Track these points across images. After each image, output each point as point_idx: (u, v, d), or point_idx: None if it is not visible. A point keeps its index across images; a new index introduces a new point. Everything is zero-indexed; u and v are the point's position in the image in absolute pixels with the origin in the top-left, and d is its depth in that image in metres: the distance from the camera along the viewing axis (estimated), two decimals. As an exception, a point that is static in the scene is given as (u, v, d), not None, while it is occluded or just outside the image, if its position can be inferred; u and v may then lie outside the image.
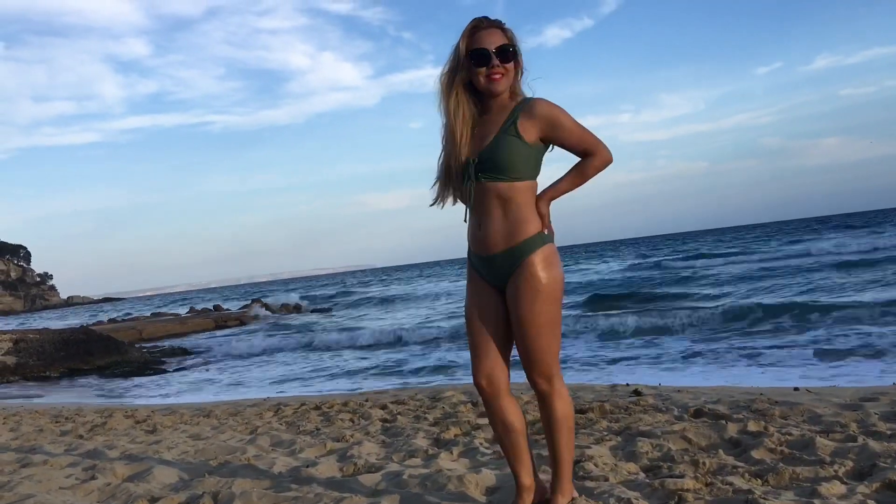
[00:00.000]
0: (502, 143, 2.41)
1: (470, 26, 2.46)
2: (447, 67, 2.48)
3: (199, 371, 14.31)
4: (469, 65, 2.43)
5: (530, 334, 2.44)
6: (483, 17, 2.48)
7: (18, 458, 4.64)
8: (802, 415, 4.21)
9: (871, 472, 2.96)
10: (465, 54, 2.43)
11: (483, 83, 2.44)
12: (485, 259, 2.50)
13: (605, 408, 4.88)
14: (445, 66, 2.49)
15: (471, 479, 3.25)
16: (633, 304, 18.57)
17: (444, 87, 2.47)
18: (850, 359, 8.25)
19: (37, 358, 15.90)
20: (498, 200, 2.44)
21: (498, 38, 2.43)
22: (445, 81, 2.47)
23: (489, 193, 2.44)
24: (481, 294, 2.56)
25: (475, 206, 2.47)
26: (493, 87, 2.44)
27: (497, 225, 2.45)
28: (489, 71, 2.42)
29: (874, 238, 32.95)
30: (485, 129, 2.48)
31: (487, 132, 2.46)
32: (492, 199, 2.44)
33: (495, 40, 2.42)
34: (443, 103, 2.49)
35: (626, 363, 9.74)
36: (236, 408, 7.12)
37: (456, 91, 2.46)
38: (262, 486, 3.53)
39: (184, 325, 27.17)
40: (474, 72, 2.43)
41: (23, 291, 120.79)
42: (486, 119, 2.49)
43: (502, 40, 2.43)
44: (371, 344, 16.33)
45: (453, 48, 2.48)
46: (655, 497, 2.86)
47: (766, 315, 12.73)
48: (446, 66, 2.49)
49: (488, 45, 2.41)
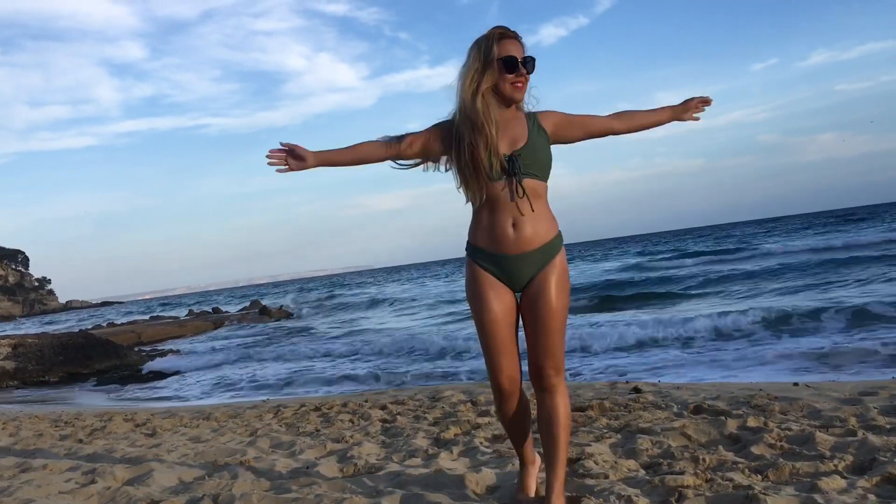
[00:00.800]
0: (539, 144, 2.52)
1: (498, 33, 2.51)
2: (473, 68, 2.49)
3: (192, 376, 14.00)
4: (499, 69, 2.48)
5: (555, 327, 2.51)
6: (505, 27, 2.54)
7: (18, 463, 4.62)
8: (802, 410, 4.22)
9: (871, 467, 2.96)
10: (498, 59, 2.47)
11: (508, 90, 2.50)
12: (514, 258, 2.51)
13: (605, 405, 4.89)
14: (470, 66, 2.51)
15: (471, 479, 3.25)
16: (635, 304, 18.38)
17: (472, 87, 2.48)
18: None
19: (36, 362, 15.87)
20: (535, 198, 2.51)
21: (521, 49, 2.53)
22: (473, 82, 2.48)
23: (530, 189, 2.49)
24: (500, 297, 2.57)
25: (508, 204, 2.48)
26: (516, 95, 2.53)
27: (533, 222, 2.50)
28: (516, 78, 2.50)
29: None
30: (508, 131, 2.52)
31: (515, 134, 2.53)
32: (531, 194, 2.49)
33: (520, 51, 2.52)
34: (468, 102, 2.48)
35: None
36: (236, 410, 7.12)
37: (483, 93, 2.49)
38: (262, 488, 3.53)
39: (183, 327, 27.18)
40: (503, 77, 2.49)
41: (21, 296, 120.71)
42: (502, 121, 2.53)
43: (524, 52, 2.53)
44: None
45: (477, 49, 2.51)
46: (655, 494, 2.86)
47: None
48: (471, 65, 2.50)
49: (517, 55, 2.49)
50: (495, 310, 2.55)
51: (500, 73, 2.48)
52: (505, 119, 2.54)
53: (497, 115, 2.50)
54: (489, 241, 2.54)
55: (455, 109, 2.56)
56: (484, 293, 2.56)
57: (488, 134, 2.46)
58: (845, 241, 28.88)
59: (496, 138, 2.47)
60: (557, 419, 2.57)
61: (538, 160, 2.51)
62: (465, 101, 2.49)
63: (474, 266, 2.59)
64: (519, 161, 2.47)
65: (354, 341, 15.95)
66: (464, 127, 2.49)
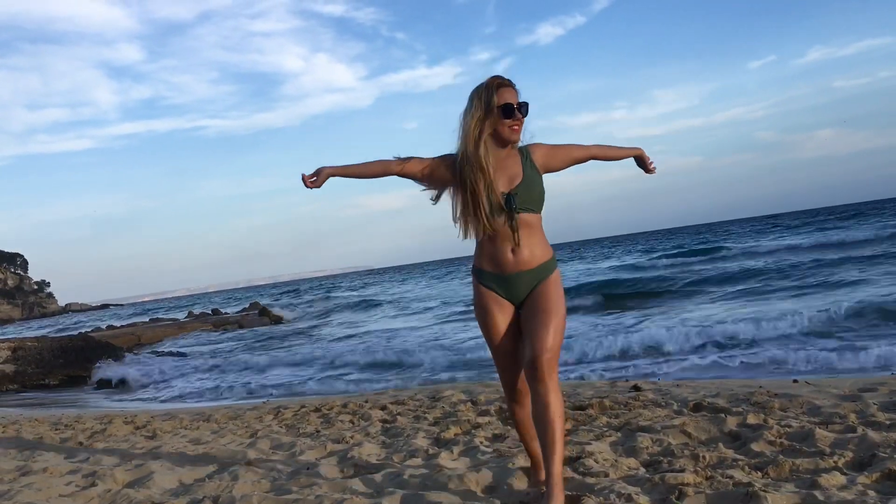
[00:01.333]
0: (534, 182, 2.84)
1: (496, 83, 2.80)
2: (476, 116, 2.79)
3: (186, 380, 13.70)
4: (498, 116, 2.77)
5: (555, 325, 2.77)
6: (501, 76, 2.84)
7: (18, 467, 4.62)
8: (801, 406, 4.22)
9: (870, 463, 2.96)
10: (497, 107, 2.77)
11: (507, 133, 2.80)
12: (513, 276, 2.84)
13: (605, 404, 4.89)
14: (472, 113, 2.80)
15: (471, 478, 3.25)
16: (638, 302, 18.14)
17: (475, 133, 2.79)
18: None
19: (35, 366, 15.84)
20: (529, 228, 2.83)
21: (516, 96, 2.82)
22: (476, 128, 2.79)
23: (524, 223, 2.82)
24: (503, 310, 2.90)
25: (510, 233, 2.81)
26: (514, 137, 2.83)
27: (530, 247, 2.83)
28: (513, 122, 2.79)
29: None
30: (506, 170, 2.82)
31: (512, 173, 2.83)
32: (525, 226, 2.82)
33: (515, 97, 2.81)
34: (472, 148, 2.79)
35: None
36: (236, 411, 7.11)
37: (484, 139, 2.79)
38: (262, 489, 3.53)
39: (182, 329, 27.16)
40: (501, 122, 2.78)
41: (20, 299, 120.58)
42: (499, 160, 2.83)
43: (518, 97, 2.82)
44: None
45: (477, 98, 2.80)
46: (656, 492, 2.86)
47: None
48: (474, 113, 2.80)
49: (512, 101, 2.79)
50: (499, 321, 2.89)
51: (499, 118, 2.77)
52: (501, 158, 2.83)
53: (495, 157, 2.81)
54: (492, 265, 2.87)
55: (460, 149, 2.84)
56: (489, 307, 2.90)
57: (488, 175, 2.77)
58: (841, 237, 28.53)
59: (495, 180, 2.78)
60: (550, 407, 2.72)
61: (532, 196, 2.82)
62: (469, 146, 2.79)
63: (480, 286, 2.93)
64: (515, 200, 2.78)
65: (315, 349, 15.34)
66: (467, 169, 2.79)
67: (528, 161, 2.86)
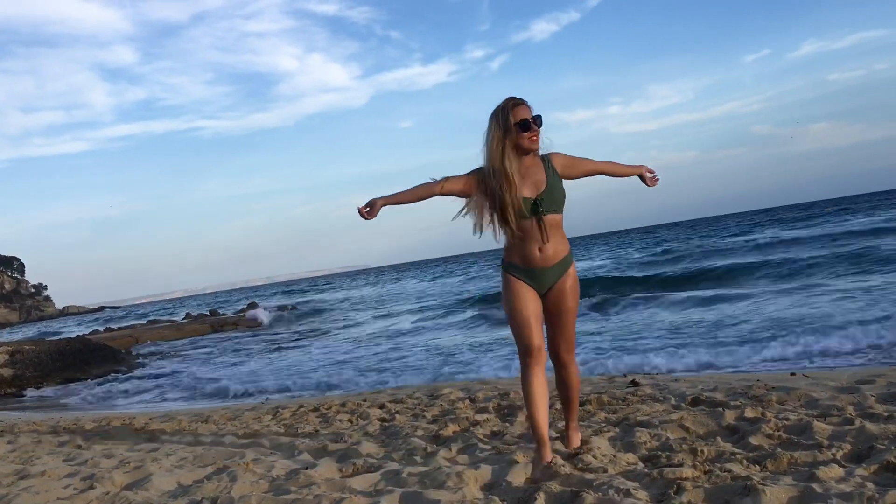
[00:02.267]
0: (558, 187, 3.26)
1: (511, 104, 3.20)
2: (496, 136, 3.18)
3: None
4: (517, 131, 3.16)
5: (571, 320, 3.36)
6: (514, 97, 3.22)
7: (17, 470, 4.61)
8: (799, 399, 4.22)
9: (868, 455, 2.97)
10: (515, 124, 3.16)
11: (527, 144, 3.20)
12: (540, 270, 3.26)
13: (603, 399, 4.89)
14: (493, 134, 3.19)
15: (470, 475, 3.25)
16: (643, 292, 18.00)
17: (499, 150, 3.17)
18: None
19: (33, 369, 15.82)
20: (554, 228, 3.25)
21: (529, 111, 3.20)
22: (499, 146, 3.17)
23: (550, 223, 3.22)
24: (530, 292, 3.29)
25: (538, 233, 3.21)
26: (534, 146, 3.23)
27: (554, 245, 3.25)
28: (531, 135, 3.19)
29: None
30: (531, 177, 3.22)
31: (536, 179, 3.23)
32: (550, 227, 3.22)
33: (529, 112, 3.19)
34: (497, 163, 3.17)
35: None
36: (234, 412, 7.10)
37: (508, 154, 3.17)
38: (261, 490, 3.53)
39: (180, 331, 27.12)
40: (521, 136, 3.18)
41: (18, 303, 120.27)
42: (524, 169, 3.22)
43: (531, 112, 3.20)
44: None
45: (496, 120, 3.19)
46: (655, 486, 2.86)
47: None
48: (494, 133, 3.18)
49: (527, 116, 3.18)
50: (525, 298, 3.27)
51: (518, 133, 3.17)
52: (526, 167, 3.23)
53: (519, 166, 3.20)
54: (521, 260, 3.27)
55: (486, 166, 3.22)
56: (517, 289, 3.29)
57: (514, 184, 3.15)
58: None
59: (521, 188, 3.17)
60: (571, 379, 3.45)
61: (556, 199, 3.24)
62: (495, 162, 3.18)
63: (509, 276, 3.31)
64: (542, 204, 3.19)
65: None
66: (496, 181, 3.17)
67: (550, 168, 3.27)
